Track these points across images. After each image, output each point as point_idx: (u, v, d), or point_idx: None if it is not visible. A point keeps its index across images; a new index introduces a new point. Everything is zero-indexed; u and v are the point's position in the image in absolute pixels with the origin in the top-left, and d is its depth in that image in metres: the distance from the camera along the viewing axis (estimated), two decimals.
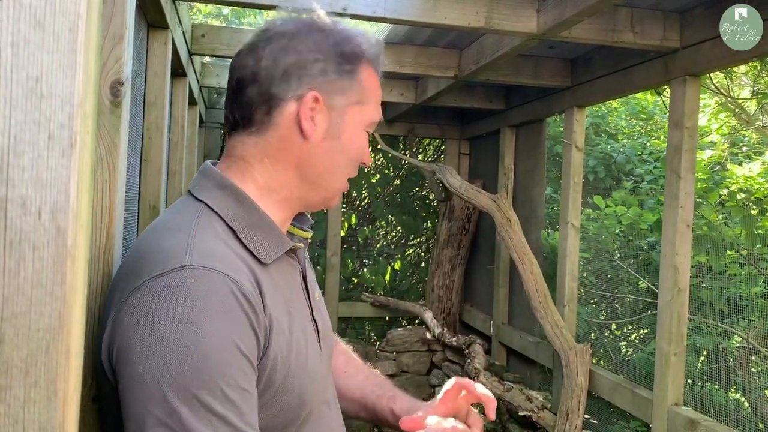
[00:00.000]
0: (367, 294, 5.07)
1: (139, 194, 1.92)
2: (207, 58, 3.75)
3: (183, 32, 2.55)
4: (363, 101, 0.91)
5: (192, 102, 3.36)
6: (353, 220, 5.41)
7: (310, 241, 1.01)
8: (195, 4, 3.98)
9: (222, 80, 3.82)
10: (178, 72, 2.63)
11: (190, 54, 2.94)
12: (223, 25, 6.18)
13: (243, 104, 0.88)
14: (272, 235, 0.86)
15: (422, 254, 5.51)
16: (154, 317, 0.71)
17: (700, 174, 3.45)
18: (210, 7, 6.16)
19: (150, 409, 0.68)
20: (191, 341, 0.70)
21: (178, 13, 2.30)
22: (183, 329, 0.70)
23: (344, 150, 0.91)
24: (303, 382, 0.85)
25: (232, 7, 6.05)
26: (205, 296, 0.72)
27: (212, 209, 0.84)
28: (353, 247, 5.39)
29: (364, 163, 0.95)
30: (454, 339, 4.31)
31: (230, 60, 0.99)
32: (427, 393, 4.65)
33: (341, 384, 1.14)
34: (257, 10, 6.27)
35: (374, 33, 0.97)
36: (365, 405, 1.12)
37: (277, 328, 0.81)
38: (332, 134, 0.89)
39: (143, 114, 1.96)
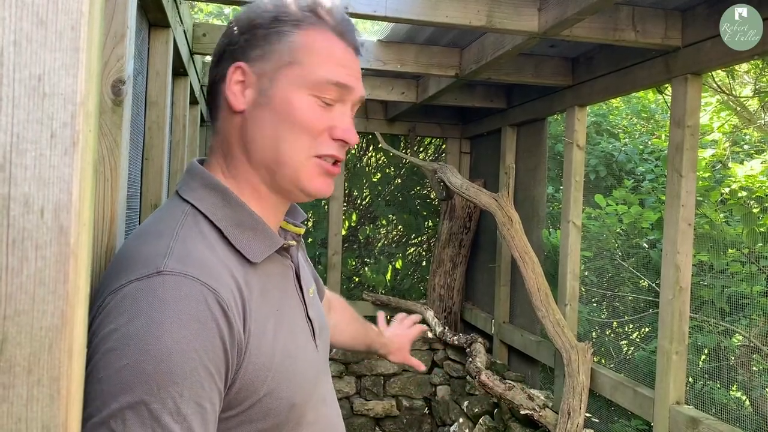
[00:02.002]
0: (368, 293, 5.07)
1: (140, 193, 1.92)
2: (208, 58, 3.75)
3: (184, 31, 2.55)
4: (300, 61, 0.84)
5: (193, 101, 3.36)
6: (354, 218, 5.41)
7: (307, 235, 1.00)
8: (196, 3, 3.98)
9: None
10: (179, 71, 2.63)
11: (192, 53, 2.94)
12: (225, 24, 6.18)
13: (208, 95, 0.91)
14: (262, 234, 0.84)
15: (423, 253, 5.51)
16: (123, 320, 0.70)
17: (701, 173, 3.45)
18: (211, 6, 6.16)
19: (99, 408, 0.67)
20: (152, 347, 0.68)
21: (179, 12, 2.30)
22: (147, 335, 0.68)
23: (279, 115, 0.83)
24: (292, 386, 0.83)
25: (233, 6, 6.05)
26: (175, 303, 0.70)
27: (198, 210, 0.82)
28: (354, 246, 5.39)
29: (344, 141, 0.86)
30: (455, 338, 4.31)
31: None
32: (429, 392, 4.66)
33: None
34: None
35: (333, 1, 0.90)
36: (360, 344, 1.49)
37: (258, 336, 0.79)
38: (262, 101, 0.84)
39: (144, 113, 1.96)
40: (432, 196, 5.36)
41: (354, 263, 5.39)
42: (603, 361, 3.92)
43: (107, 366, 0.68)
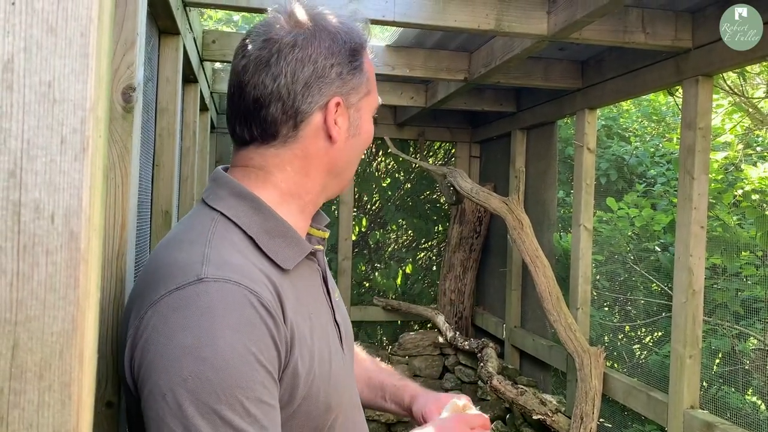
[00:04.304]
0: (378, 298, 5.06)
1: (151, 199, 1.93)
2: (218, 64, 3.77)
3: (194, 38, 2.56)
4: (370, 90, 0.93)
5: (203, 108, 3.38)
6: (364, 224, 5.41)
7: (326, 240, 1.01)
8: (205, 10, 4.00)
9: None
10: (189, 78, 2.64)
11: (201, 60, 2.95)
12: (234, 31, 6.21)
13: (265, 122, 0.85)
14: (292, 241, 0.85)
15: (434, 258, 5.50)
16: (173, 332, 0.70)
17: (713, 175, 3.42)
18: (220, 13, 6.20)
19: (170, 425, 0.68)
20: (210, 355, 0.69)
21: (188, 20, 2.31)
22: (201, 343, 0.69)
23: (363, 142, 0.93)
24: (328, 389, 0.84)
25: (242, 13, 6.08)
26: (223, 309, 0.71)
27: (228, 218, 0.82)
28: (364, 251, 5.38)
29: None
30: (466, 343, 4.30)
31: None
32: None
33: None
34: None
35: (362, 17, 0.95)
36: (383, 394, 1.17)
37: (299, 338, 0.79)
38: (353, 132, 0.90)
39: (155, 119, 1.97)
40: (442, 201, 5.35)
41: (364, 268, 5.38)
42: (616, 365, 3.89)
43: (169, 381, 0.68)
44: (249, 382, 0.70)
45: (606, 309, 4.24)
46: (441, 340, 4.61)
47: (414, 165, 5.11)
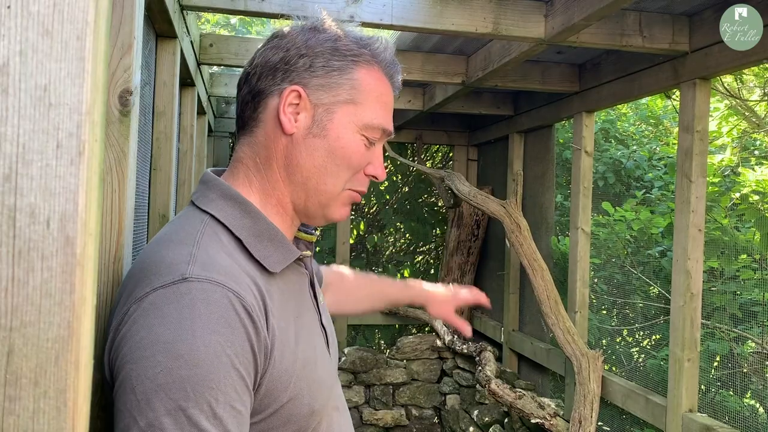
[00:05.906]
0: None
1: (148, 203, 1.92)
2: (215, 68, 3.76)
3: (191, 42, 2.56)
4: (357, 101, 0.87)
5: (201, 111, 3.37)
6: (362, 227, 5.41)
7: (315, 244, 1.01)
8: (203, 14, 4.00)
9: (230, 89, 3.84)
10: (186, 81, 2.64)
11: (199, 63, 2.95)
12: (231, 34, 6.20)
13: (238, 105, 0.90)
14: (280, 245, 0.85)
15: (432, 261, 5.50)
16: (151, 328, 0.70)
17: (711, 178, 3.42)
18: (218, 17, 6.20)
19: (135, 417, 0.67)
20: (184, 352, 0.69)
21: (186, 23, 2.31)
22: (178, 340, 0.69)
23: (331, 149, 0.86)
24: (312, 392, 0.84)
25: (239, 17, 6.09)
26: (204, 309, 0.71)
27: (218, 220, 0.83)
28: (362, 255, 5.38)
29: (374, 177, 0.92)
30: (464, 346, 4.29)
31: (238, 69, 1.00)
32: (438, 401, 4.63)
33: (348, 293, 1.41)
34: (265, 20, 6.30)
35: (386, 39, 0.93)
36: (384, 297, 1.49)
37: (281, 342, 0.79)
38: (316, 131, 0.86)
39: (152, 123, 1.96)
40: (439, 204, 5.35)
41: (362, 272, 5.38)
42: (614, 368, 3.89)
43: (140, 374, 0.69)
44: (220, 385, 0.70)
45: (604, 312, 4.24)
46: (439, 343, 4.61)
47: (411, 168, 5.11)
